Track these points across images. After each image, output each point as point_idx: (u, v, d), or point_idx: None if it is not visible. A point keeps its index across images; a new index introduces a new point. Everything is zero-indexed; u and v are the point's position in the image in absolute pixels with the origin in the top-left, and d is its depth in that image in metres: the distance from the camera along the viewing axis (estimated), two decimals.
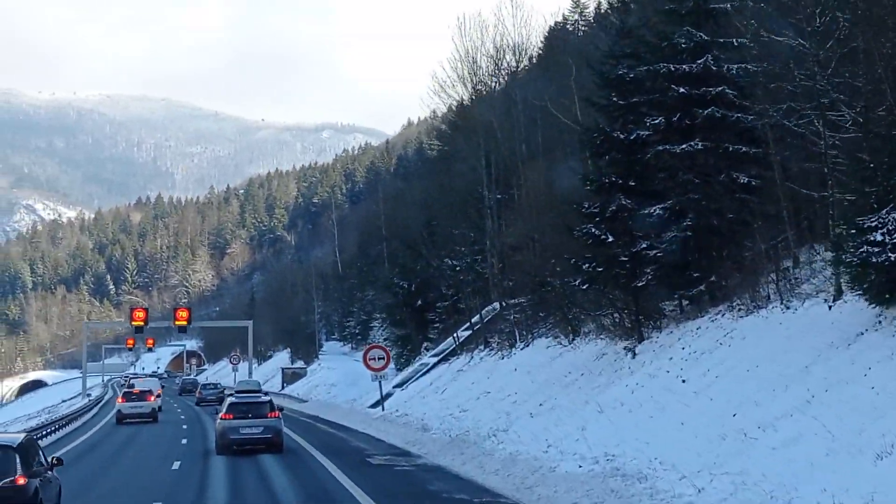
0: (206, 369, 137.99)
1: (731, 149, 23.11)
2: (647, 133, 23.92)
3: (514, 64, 44.17)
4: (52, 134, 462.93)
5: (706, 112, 23.00)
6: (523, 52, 45.89)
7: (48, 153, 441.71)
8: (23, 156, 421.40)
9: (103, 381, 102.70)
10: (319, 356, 76.47)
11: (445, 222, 45.35)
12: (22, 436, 13.87)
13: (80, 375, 76.26)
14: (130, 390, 45.85)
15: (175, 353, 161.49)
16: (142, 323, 56.86)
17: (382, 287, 58.52)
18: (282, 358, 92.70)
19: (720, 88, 23.16)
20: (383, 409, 37.17)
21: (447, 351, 43.45)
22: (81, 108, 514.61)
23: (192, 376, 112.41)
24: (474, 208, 44.24)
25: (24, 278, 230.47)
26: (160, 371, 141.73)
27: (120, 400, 44.92)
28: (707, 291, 23.29)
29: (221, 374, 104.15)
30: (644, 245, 23.23)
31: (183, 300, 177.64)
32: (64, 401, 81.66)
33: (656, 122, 23.57)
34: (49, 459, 14.19)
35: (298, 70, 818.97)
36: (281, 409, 27.66)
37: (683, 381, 19.31)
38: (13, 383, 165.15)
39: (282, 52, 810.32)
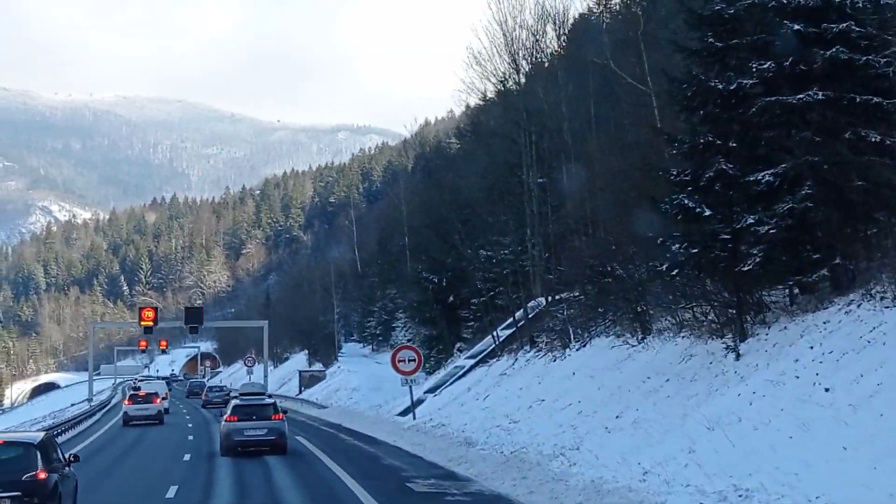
0: (220, 371, 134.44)
1: (858, 100, 18.58)
2: (750, 82, 19.34)
3: (558, 28, 39.54)
4: (69, 135, 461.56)
5: (828, 54, 18.45)
6: (564, 24, 41.50)
7: (64, 155, 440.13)
8: (39, 157, 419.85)
9: (114, 383, 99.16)
10: (339, 358, 72.50)
11: (480, 209, 40.79)
12: (42, 434, 14.76)
13: (93, 378, 73.61)
14: (136, 393, 46.45)
15: (190, 356, 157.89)
16: (151, 323, 53.59)
17: (409, 283, 54.08)
18: (299, 360, 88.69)
19: (845, 25, 18.63)
20: (415, 418, 32.94)
21: (485, 352, 38.87)
22: (97, 110, 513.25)
23: (199, 379, 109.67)
24: (513, 193, 39.67)
25: (38, 279, 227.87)
26: (175, 373, 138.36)
27: (126, 402, 45.08)
28: (830, 276, 18.74)
29: (236, 376, 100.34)
30: (751, 220, 18.67)
31: (198, 301, 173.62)
32: (73, 405, 78.23)
33: (764, 66, 19.02)
34: (66, 456, 14.78)
35: (313, 71, 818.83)
36: (285, 412, 27.60)
37: (827, 391, 14.77)
38: (25, 386, 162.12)
39: (296, 54, 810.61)
